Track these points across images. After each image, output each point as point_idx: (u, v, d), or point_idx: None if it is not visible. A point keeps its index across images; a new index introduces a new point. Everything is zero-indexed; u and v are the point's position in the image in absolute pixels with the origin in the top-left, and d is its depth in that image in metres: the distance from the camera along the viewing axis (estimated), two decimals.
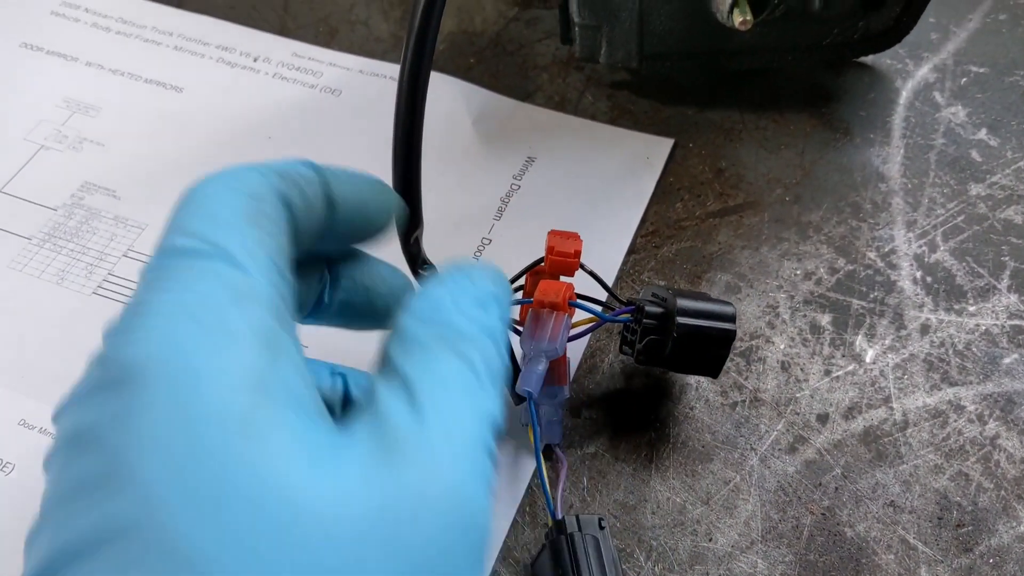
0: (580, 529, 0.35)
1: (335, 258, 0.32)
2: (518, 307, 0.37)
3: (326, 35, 0.57)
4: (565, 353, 0.36)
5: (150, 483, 0.20)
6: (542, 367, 0.34)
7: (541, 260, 0.37)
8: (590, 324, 0.37)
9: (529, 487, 0.39)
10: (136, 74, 0.55)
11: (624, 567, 0.37)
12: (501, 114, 0.52)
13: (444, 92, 0.53)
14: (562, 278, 0.37)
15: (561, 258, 0.36)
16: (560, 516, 0.35)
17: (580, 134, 0.51)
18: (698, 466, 0.39)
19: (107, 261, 0.47)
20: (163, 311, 0.22)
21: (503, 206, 0.48)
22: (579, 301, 0.36)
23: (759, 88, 0.53)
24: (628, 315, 0.38)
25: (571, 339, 0.36)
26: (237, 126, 0.53)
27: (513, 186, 0.49)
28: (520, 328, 0.36)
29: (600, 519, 0.35)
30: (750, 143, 0.50)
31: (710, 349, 0.36)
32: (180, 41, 0.57)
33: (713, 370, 0.37)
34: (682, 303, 0.36)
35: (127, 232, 0.48)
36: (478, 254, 0.46)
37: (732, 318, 0.36)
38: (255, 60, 0.56)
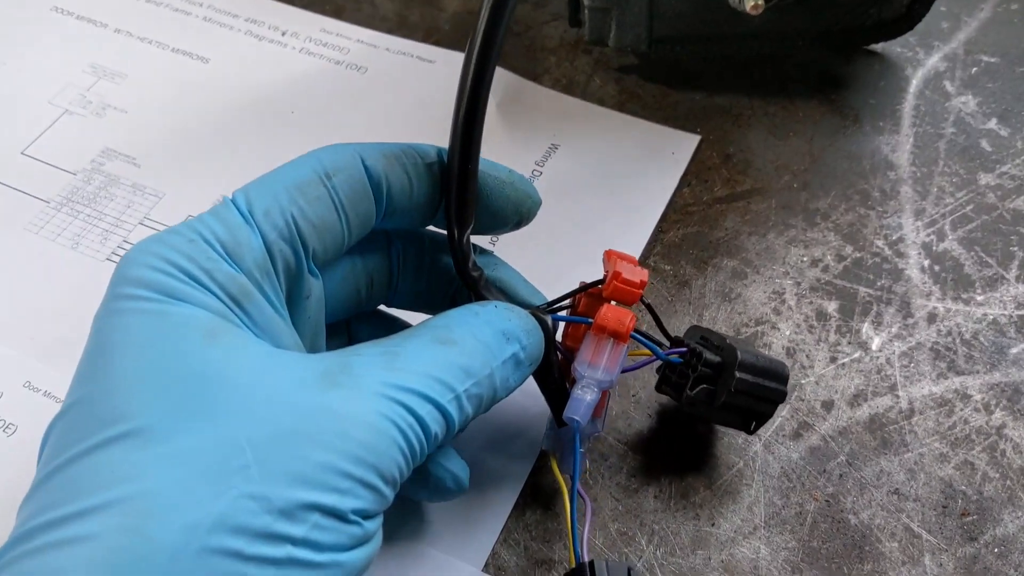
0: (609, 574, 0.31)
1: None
2: (561, 324, 0.35)
3: (332, 13, 0.57)
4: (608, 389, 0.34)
5: (117, 371, 0.26)
6: (592, 396, 0.33)
7: (598, 282, 0.35)
8: (643, 359, 0.36)
9: (533, 469, 0.38)
10: (164, 43, 0.55)
11: (625, 550, 0.36)
12: (526, 99, 0.52)
13: None
14: (613, 302, 0.34)
15: (626, 287, 0.33)
16: (586, 559, 0.32)
17: (606, 124, 0.51)
18: (702, 451, 0.39)
19: (123, 228, 0.47)
20: (155, 251, 0.28)
21: None
22: (643, 338, 0.34)
23: (768, 74, 0.52)
24: (680, 356, 0.36)
25: (628, 370, 0.35)
26: (261, 99, 0.52)
27: (535, 172, 0.49)
28: (566, 349, 0.35)
29: (630, 569, 0.31)
30: (758, 129, 0.50)
31: (760, 407, 0.35)
32: (210, 12, 0.57)
33: (751, 426, 0.36)
34: (744, 357, 0.35)
35: (144, 200, 0.48)
36: (493, 241, 0.45)
37: (786, 379, 0.35)
38: (283, 34, 0.56)
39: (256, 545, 0.24)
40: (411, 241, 0.35)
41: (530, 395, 0.38)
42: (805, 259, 0.45)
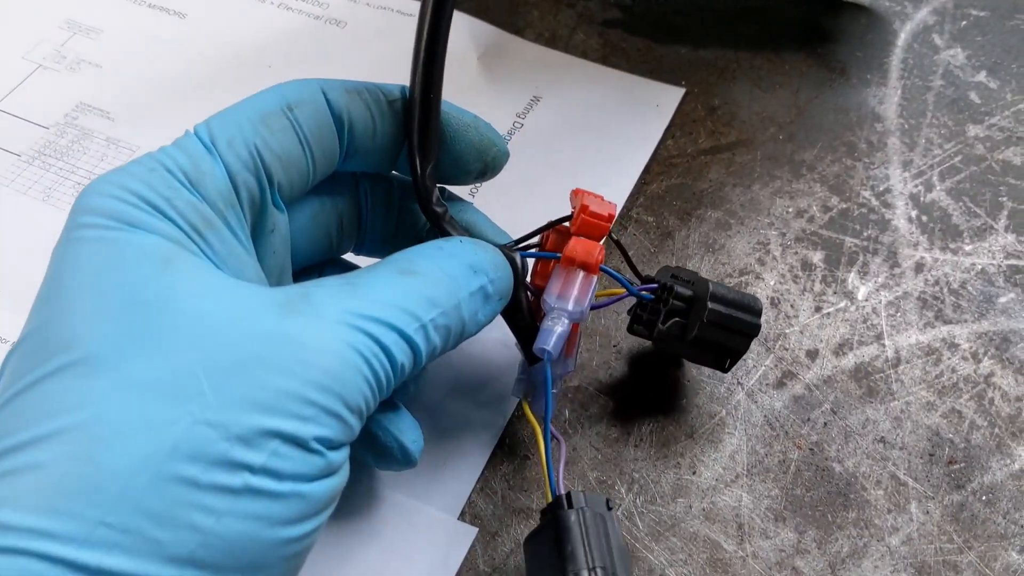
0: (586, 506, 0.30)
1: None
2: (531, 260, 0.34)
3: None
4: (579, 323, 0.33)
5: (70, 300, 0.25)
6: (562, 328, 0.31)
7: (565, 219, 0.34)
8: (615, 296, 0.35)
9: (511, 420, 0.37)
10: None
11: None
12: (509, 52, 0.51)
13: (452, 26, 0.51)
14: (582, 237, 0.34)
15: (594, 220, 0.33)
16: (562, 492, 0.31)
17: (589, 77, 0.50)
18: (683, 400, 0.38)
19: None
20: (115, 180, 0.27)
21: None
22: (613, 270, 0.33)
23: (755, 28, 0.51)
24: (652, 293, 0.35)
25: (593, 308, 0.34)
26: (237, 54, 0.51)
27: (516, 124, 0.48)
28: (535, 288, 0.34)
29: (608, 499, 0.31)
30: (744, 82, 0.49)
31: (733, 341, 0.34)
32: None
33: (727, 363, 0.35)
34: (716, 289, 0.34)
35: (118, 153, 0.47)
36: (474, 191, 0.44)
37: (759, 312, 0.34)
38: None
39: (212, 473, 0.23)
40: (378, 183, 0.34)
41: (510, 346, 0.37)
42: (790, 210, 0.44)
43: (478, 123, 0.33)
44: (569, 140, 0.47)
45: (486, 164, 0.34)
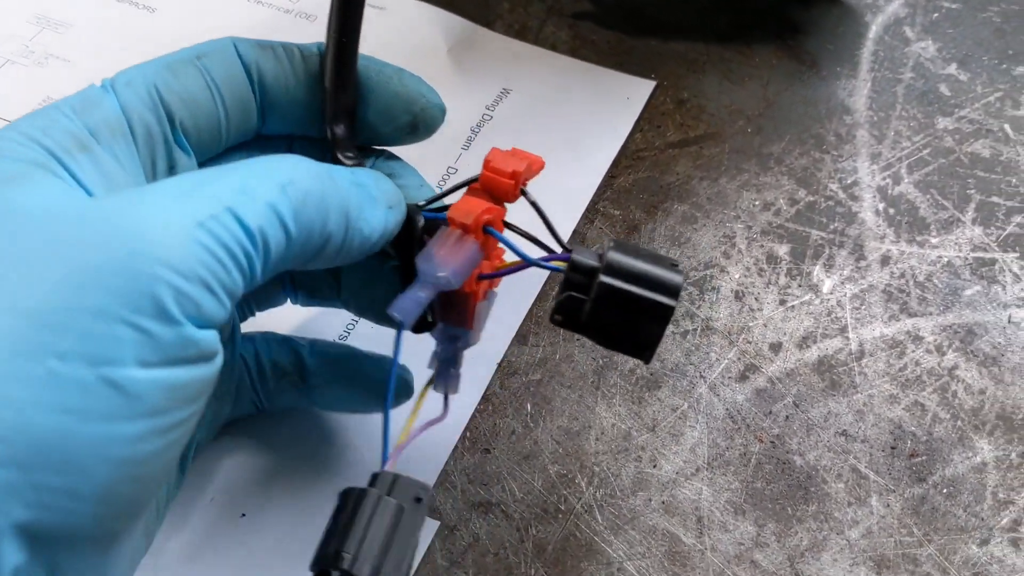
0: (390, 492, 0.26)
1: None
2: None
3: None
4: (475, 291, 0.29)
5: None
6: (424, 294, 0.27)
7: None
8: (513, 266, 0.29)
9: (474, 415, 0.37)
10: None
11: (565, 492, 0.35)
12: (478, 44, 0.51)
13: (422, 19, 0.51)
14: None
15: (494, 176, 0.29)
16: (384, 468, 0.27)
17: (559, 70, 0.49)
18: (645, 393, 0.38)
19: None
20: (15, 126, 0.26)
21: (472, 136, 0.47)
22: (499, 233, 0.29)
23: (725, 21, 0.51)
24: (561, 263, 0.28)
25: (486, 277, 0.29)
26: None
27: (485, 116, 0.48)
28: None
29: (422, 490, 0.26)
30: (713, 75, 0.49)
31: (638, 323, 0.27)
32: None
33: (641, 350, 0.28)
34: (614, 257, 0.27)
35: None
36: (442, 183, 0.44)
37: (675, 290, 0.27)
38: None
39: (12, 362, 0.21)
40: (312, 146, 0.33)
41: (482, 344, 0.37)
42: (757, 203, 0.44)
43: (402, 74, 0.32)
44: (538, 132, 0.47)
45: (416, 117, 0.32)
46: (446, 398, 0.30)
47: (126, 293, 0.21)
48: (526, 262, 0.28)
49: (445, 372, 0.30)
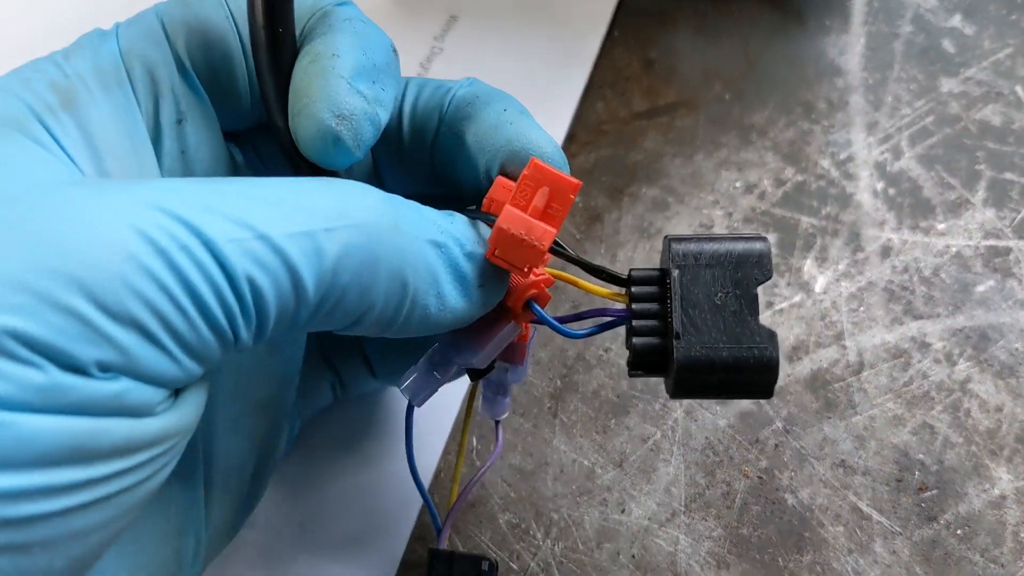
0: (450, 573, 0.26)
1: None
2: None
3: None
4: (525, 335, 0.26)
5: None
6: (442, 378, 0.24)
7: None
8: (596, 323, 0.24)
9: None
10: None
11: (518, 547, 0.30)
12: None
13: None
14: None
15: (515, 244, 0.22)
16: (443, 544, 0.27)
17: None
18: (611, 420, 0.32)
19: None
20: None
21: (423, 72, 0.41)
22: (544, 312, 0.24)
23: None
24: (617, 317, 0.24)
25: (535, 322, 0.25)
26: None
27: (435, 49, 0.42)
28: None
29: (482, 565, 0.26)
30: (685, 30, 0.42)
31: (739, 383, 0.22)
32: None
33: (754, 396, 0.23)
34: (685, 293, 0.22)
35: None
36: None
37: (771, 348, 0.22)
38: None
39: None
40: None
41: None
42: (738, 184, 0.38)
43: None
44: (494, 65, 0.41)
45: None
46: (497, 426, 0.28)
47: (14, 307, 0.17)
48: (560, 333, 0.24)
49: (492, 399, 0.27)
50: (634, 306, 0.22)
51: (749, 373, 0.21)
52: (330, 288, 0.20)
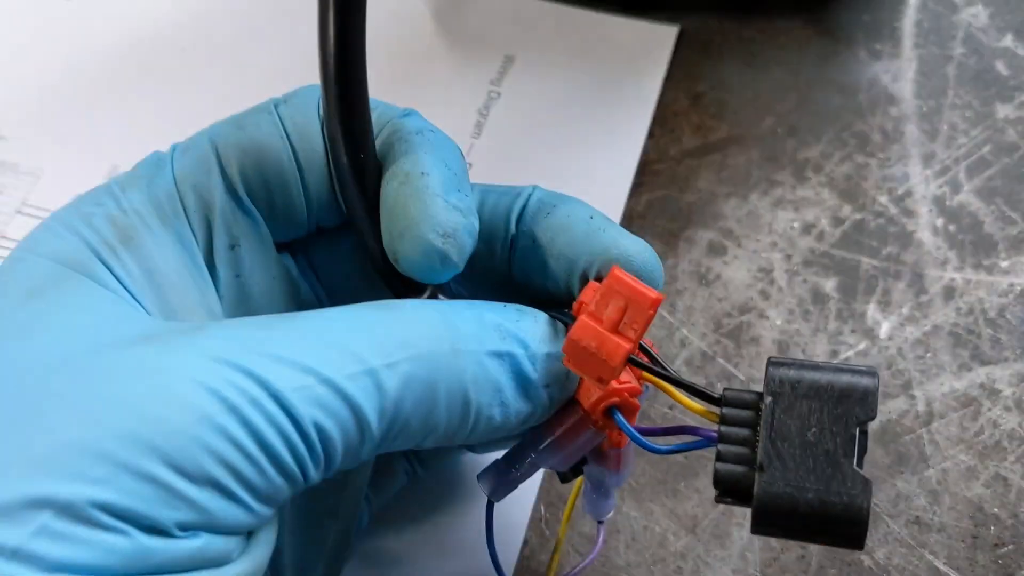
0: None
1: None
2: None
3: None
4: (619, 442, 0.24)
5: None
6: (520, 473, 0.24)
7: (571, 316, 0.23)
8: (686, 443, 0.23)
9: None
10: None
11: None
12: (467, 5, 0.43)
13: None
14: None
15: (586, 356, 0.21)
16: None
17: (565, 25, 0.42)
18: (680, 483, 0.32)
19: None
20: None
21: (482, 120, 0.40)
22: (628, 424, 0.23)
23: None
24: (708, 440, 0.22)
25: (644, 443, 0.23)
26: (143, 36, 0.43)
27: (492, 94, 0.41)
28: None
29: None
30: (732, 60, 0.41)
31: (823, 532, 0.21)
32: None
33: (843, 545, 0.22)
34: (782, 374, 0.21)
35: (18, 182, 0.39)
36: None
37: (863, 497, 0.20)
38: None
39: None
40: None
41: None
42: (796, 224, 0.37)
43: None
44: (556, 104, 0.40)
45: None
46: (600, 526, 0.27)
47: (94, 479, 0.17)
48: (646, 448, 0.23)
49: (593, 499, 0.27)
50: (722, 429, 0.22)
51: (835, 521, 0.20)
52: (393, 420, 0.20)
